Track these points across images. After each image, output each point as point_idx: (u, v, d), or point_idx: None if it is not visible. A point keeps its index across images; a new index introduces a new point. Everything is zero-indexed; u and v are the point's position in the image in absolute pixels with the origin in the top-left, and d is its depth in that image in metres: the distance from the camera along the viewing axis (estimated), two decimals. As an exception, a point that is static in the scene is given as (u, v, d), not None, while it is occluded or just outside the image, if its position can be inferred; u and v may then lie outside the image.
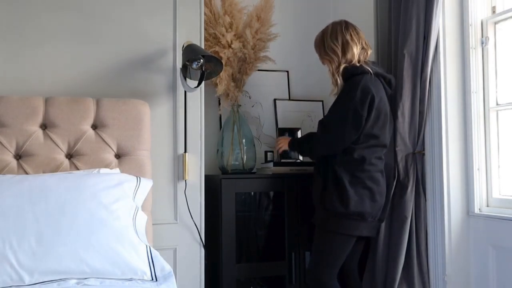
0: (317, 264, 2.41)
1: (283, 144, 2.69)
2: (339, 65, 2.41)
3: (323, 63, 2.55)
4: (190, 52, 2.37)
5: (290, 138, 2.71)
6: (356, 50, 2.41)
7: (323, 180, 2.41)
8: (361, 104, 2.31)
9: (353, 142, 2.36)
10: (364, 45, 2.46)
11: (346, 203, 2.32)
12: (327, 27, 2.49)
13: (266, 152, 2.99)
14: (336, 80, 2.42)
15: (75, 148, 2.20)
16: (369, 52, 2.49)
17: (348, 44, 2.40)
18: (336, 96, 2.44)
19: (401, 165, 2.62)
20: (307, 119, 3.21)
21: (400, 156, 2.61)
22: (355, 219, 2.35)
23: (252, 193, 2.86)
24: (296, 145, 2.63)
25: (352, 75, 2.38)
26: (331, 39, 2.43)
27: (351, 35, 2.42)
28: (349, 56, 2.40)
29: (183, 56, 2.40)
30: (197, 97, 2.52)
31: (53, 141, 2.18)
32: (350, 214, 2.33)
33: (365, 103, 2.32)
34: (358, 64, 2.40)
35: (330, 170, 2.39)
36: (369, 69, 2.38)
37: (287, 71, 3.27)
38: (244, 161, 2.82)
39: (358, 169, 2.36)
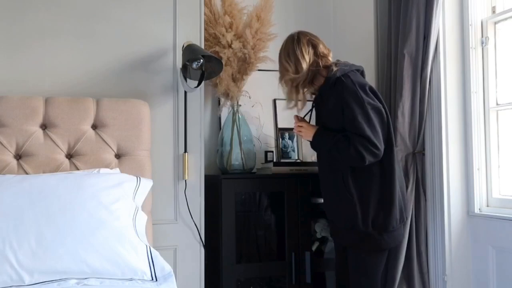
0: None
1: (305, 133, 2.40)
2: None
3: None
4: (190, 52, 2.37)
5: (315, 128, 2.36)
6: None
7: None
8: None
9: None
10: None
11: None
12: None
13: (266, 152, 2.99)
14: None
15: (75, 148, 2.20)
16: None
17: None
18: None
19: (401, 165, 2.62)
20: (306, 119, 3.19)
21: (400, 156, 2.61)
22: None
23: (252, 193, 2.86)
24: (323, 145, 2.30)
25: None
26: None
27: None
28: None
29: (183, 56, 2.40)
30: (197, 97, 2.52)
31: (53, 141, 2.18)
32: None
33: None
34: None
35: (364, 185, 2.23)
36: None
37: (287, 71, 3.25)
38: (244, 161, 2.82)
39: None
